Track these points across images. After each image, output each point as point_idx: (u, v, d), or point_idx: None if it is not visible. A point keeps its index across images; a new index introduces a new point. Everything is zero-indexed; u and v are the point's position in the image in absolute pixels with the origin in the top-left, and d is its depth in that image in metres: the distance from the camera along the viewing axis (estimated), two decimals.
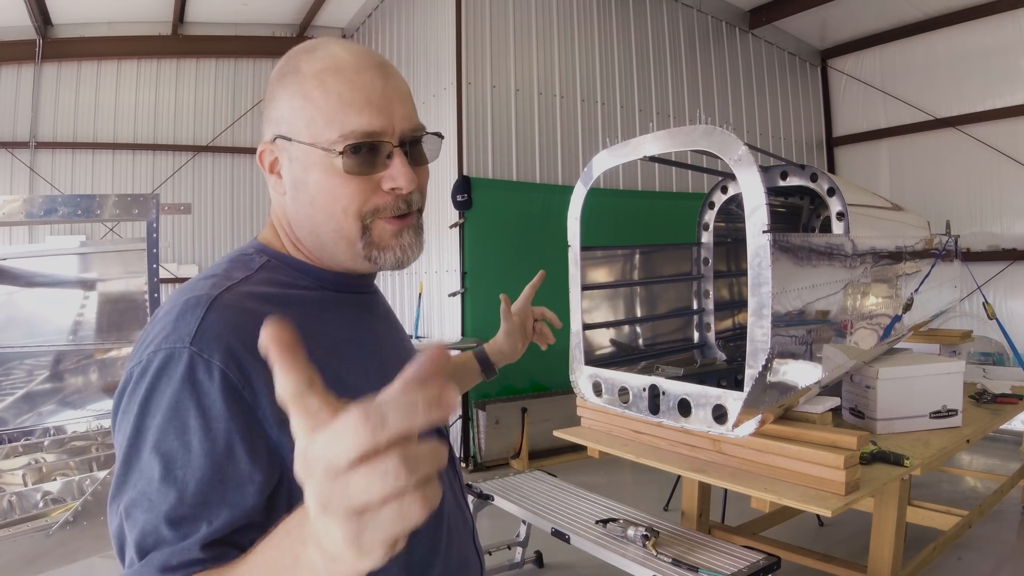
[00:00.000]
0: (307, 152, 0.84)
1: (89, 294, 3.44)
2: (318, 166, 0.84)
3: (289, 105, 0.85)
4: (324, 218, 0.87)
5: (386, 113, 0.83)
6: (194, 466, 0.69)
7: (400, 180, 0.84)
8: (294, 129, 0.85)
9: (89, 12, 8.27)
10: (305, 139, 0.84)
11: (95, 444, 3.31)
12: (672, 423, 2.56)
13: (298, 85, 0.85)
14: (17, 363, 3.34)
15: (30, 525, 2.60)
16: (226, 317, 0.75)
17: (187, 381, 0.71)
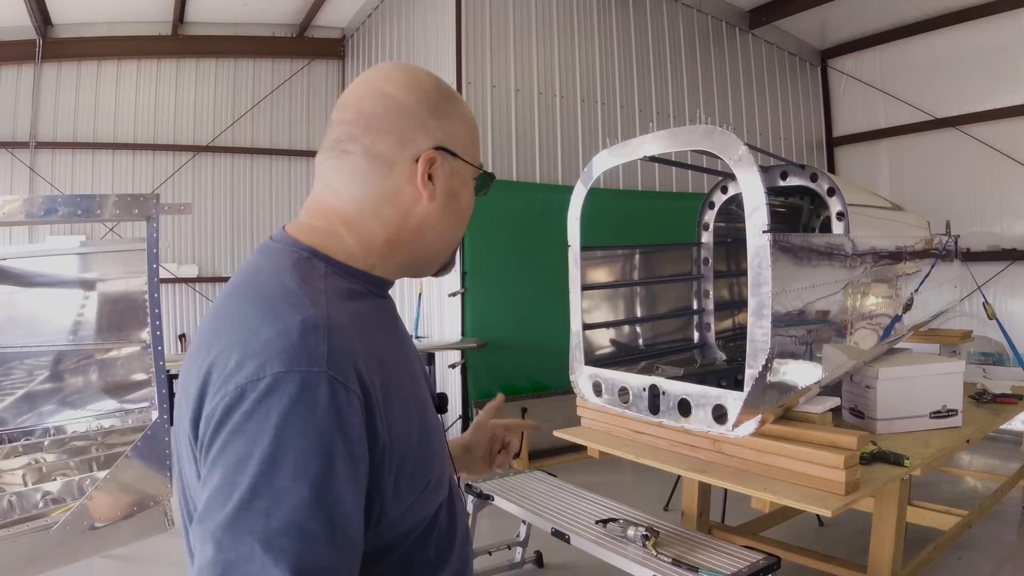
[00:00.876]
0: (467, 170, 0.97)
1: (89, 294, 3.43)
2: (469, 185, 0.99)
3: (463, 127, 0.97)
4: (458, 229, 0.99)
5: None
6: (340, 496, 0.71)
7: None
8: (464, 149, 0.97)
9: (89, 12, 8.27)
10: (469, 159, 0.97)
11: (95, 444, 3.30)
12: (672, 423, 2.56)
13: (461, 113, 0.97)
14: (17, 363, 3.33)
15: (30, 525, 2.60)
16: (345, 340, 0.77)
17: (332, 407, 0.71)
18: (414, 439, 0.84)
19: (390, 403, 0.80)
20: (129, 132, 8.87)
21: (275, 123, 9.62)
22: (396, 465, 0.80)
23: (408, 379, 0.89)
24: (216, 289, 9.28)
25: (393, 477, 0.80)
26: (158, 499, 2.83)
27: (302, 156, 9.78)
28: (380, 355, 0.83)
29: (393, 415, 0.80)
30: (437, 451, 0.91)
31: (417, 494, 0.85)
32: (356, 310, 0.85)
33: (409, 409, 0.85)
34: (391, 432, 0.79)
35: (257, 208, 9.59)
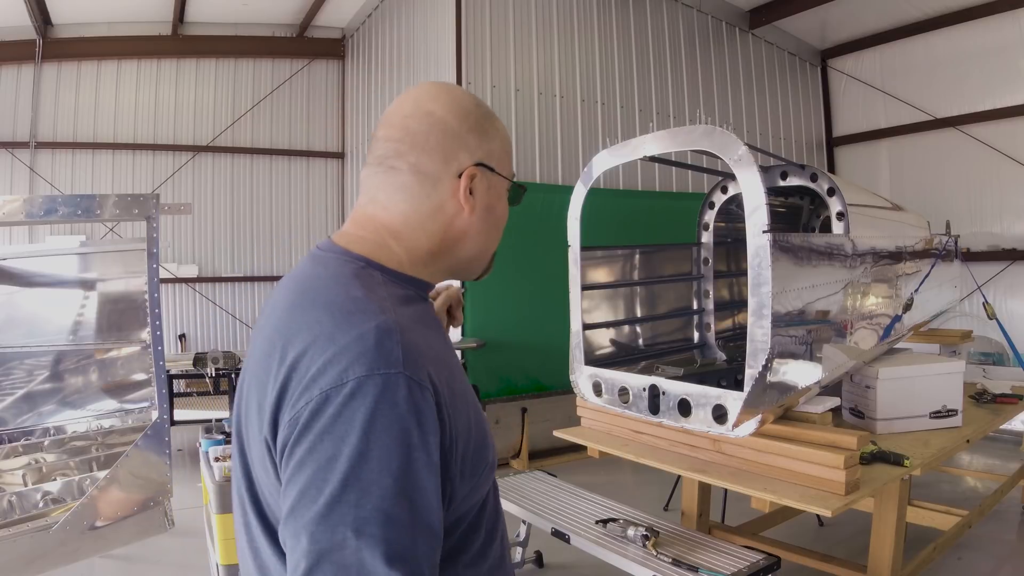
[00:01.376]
0: (502, 183, 1.09)
1: (89, 294, 3.43)
2: (504, 197, 1.10)
3: (499, 144, 1.08)
4: (494, 238, 1.10)
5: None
6: (421, 485, 0.77)
7: None
8: (500, 164, 1.08)
9: (89, 12, 8.27)
10: (504, 174, 1.09)
11: (95, 444, 3.30)
12: (672, 423, 2.56)
13: (498, 131, 1.08)
14: (17, 363, 3.33)
15: (30, 525, 2.60)
16: (415, 342, 0.84)
17: (411, 404, 0.78)
18: (472, 427, 0.91)
19: (453, 396, 0.87)
20: (129, 132, 8.87)
21: (275, 123, 9.63)
22: (461, 452, 0.87)
23: (460, 374, 0.95)
24: (216, 289, 9.29)
25: (459, 463, 0.87)
26: (158, 499, 2.83)
27: (302, 156, 9.78)
28: (439, 353, 0.90)
29: (456, 407, 0.87)
30: (489, 435, 0.98)
31: (478, 477, 0.93)
32: (414, 314, 0.92)
33: (467, 401, 0.92)
34: (455, 423, 0.86)
35: (257, 208, 9.59)
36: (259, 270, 9.55)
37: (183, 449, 6.46)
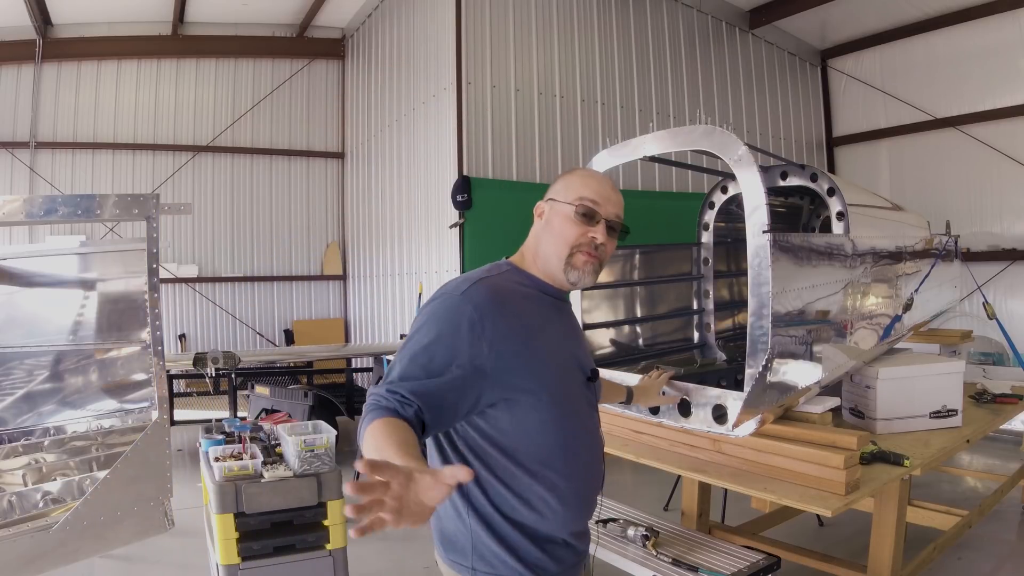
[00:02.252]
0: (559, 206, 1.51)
1: (89, 294, 3.43)
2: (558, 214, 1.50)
3: (562, 185, 1.53)
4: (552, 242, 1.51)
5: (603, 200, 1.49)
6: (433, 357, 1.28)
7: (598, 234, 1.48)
8: (558, 195, 1.52)
9: (89, 12, 8.27)
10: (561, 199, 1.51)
11: (95, 444, 3.30)
12: (672, 423, 2.56)
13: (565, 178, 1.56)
14: (17, 363, 3.33)
15: (30, 525, 2.60)
16: (482, 289, 1.38)
17: (454, 308, 1.33)
18: (520, 357, 1.34)
19: (511, 327, 1.35)
20: (129, 132, 8.87)
21: (275, 123, 9.63)
22: (496, 359, 1.30)
23: (543, 333, 1.41)
24: (216, 289, 9.29)
25: (492, 365, 1.30)
26: (158, 499, 2.82)
27: (302, 156, 9.78)
28: (522, 307, 1.41)
29: (505, 337, 1.33)
30: (540, 376, 1.37)
31: (511, 393, 1.34)
32: (515, 287, 1.45)
33: (532, 340, 1.38)
34: (499, 343, 1.31)
35: (257, 208, 9.59)
36: (259, 270, 9.55)
37: (183, 449, 6.46)
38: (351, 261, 9.75)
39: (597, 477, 1.53)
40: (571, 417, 1.42)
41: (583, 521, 1.49)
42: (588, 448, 1.48)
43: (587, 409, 1.52)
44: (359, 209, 9.39)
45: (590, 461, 1.48)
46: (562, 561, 1.43)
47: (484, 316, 1.31)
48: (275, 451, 3.07)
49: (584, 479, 1.45)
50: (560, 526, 1.41)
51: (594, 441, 1.53)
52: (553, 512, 1.39)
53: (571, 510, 1.42)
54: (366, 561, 3.76)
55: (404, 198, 7.79)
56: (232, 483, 2.70)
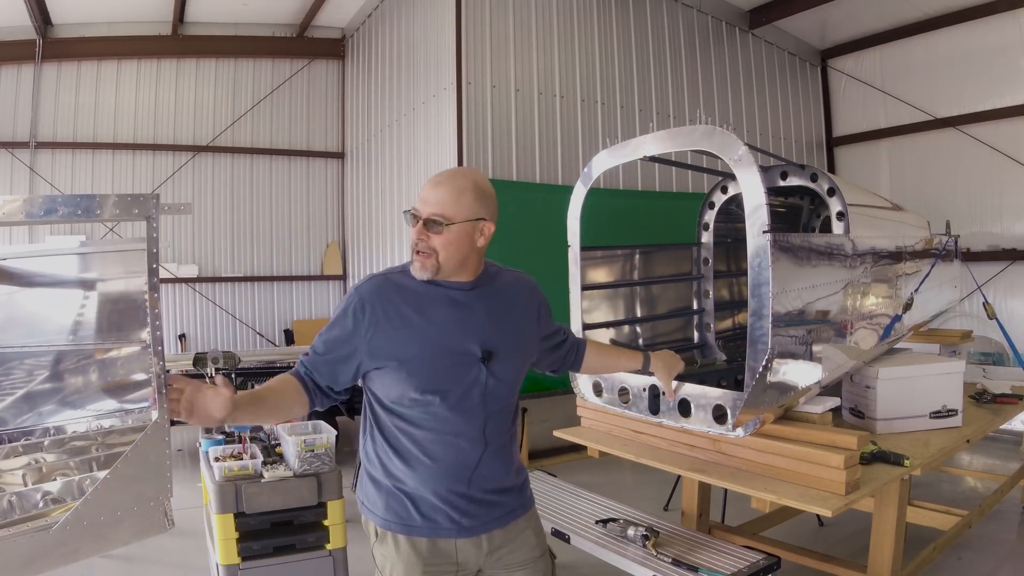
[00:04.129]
0: None
1: (89, 294, 3.43)
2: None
3: None
4: None
5: (420, 203, 1.76)
6: (329, 339, 1.71)
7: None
8: None
9: (89, 12, 8.27)
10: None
11: (95, 444, 3.30)
12: (672, 423, 2.56)
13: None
14: (17, 363, 3.33)
15: (30, 525, 2.60)
16: (371, 283, 1.74)
17: (348, 301, 1.71)
18: (389, 337, 1.67)
19: (388, 315, 1.68)
20: (129, 132, 8.87)
21: (275, 123, 9.62)
22: (370, 339, 1.67)
23: (419, 320, 1.68)
24: (216, 289, 9.29)
25: (367, 343, 1.67)
26: (158, 499, 2.82)
27: (302, 156, 9.78)
28: (404, 300, 1.70)
29: (379, 321, 1.67)
30: (409, 355, 1.66)
31: (381, 363, 1.67)
32: (405, 281, 1.73)
33: (399, 327, 1.67)
34: (374, 326, 1.67)
35: (257, 208, 9.58)
36: (259, 270, 9.55)
37: (183, 449, 6.46)
38: (351, 261, 9.74)
39: (466, 445, 1.71)
40: (433, 387, 1.66)
41: (448, 484, 1.70)
42: (463, 413, 1.70)
43: (467, 382, 1.70)
44: (359, 209, 9.38)
45: (464, 428, 1.70)
46: (432, 520, 1.70)
47: (366, 304, 1.67)
48: (275, 451, 3.07)
49: (445, 443, 1.69)
50: (423, 483, 1.69)
51: (471, 412, 1.71)
52: (420, 466, 1.68)
53: (436, 469, 1.68)
54: (366, 561, 3.75)
55: (404, 198, 7.79)
56: (232, 483, 2.71)
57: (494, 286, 1.83)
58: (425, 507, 1.70)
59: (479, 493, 1.72)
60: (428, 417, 1.67)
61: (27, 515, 2.82)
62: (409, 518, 1.70)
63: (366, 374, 1.71)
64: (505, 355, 1.74)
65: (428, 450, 1.68)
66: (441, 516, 1.70)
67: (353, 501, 1.85)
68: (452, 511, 1.70)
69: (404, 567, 1.72)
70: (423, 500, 1.70)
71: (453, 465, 1.69)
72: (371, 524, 1.79)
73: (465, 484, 1.70)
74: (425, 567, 1.71)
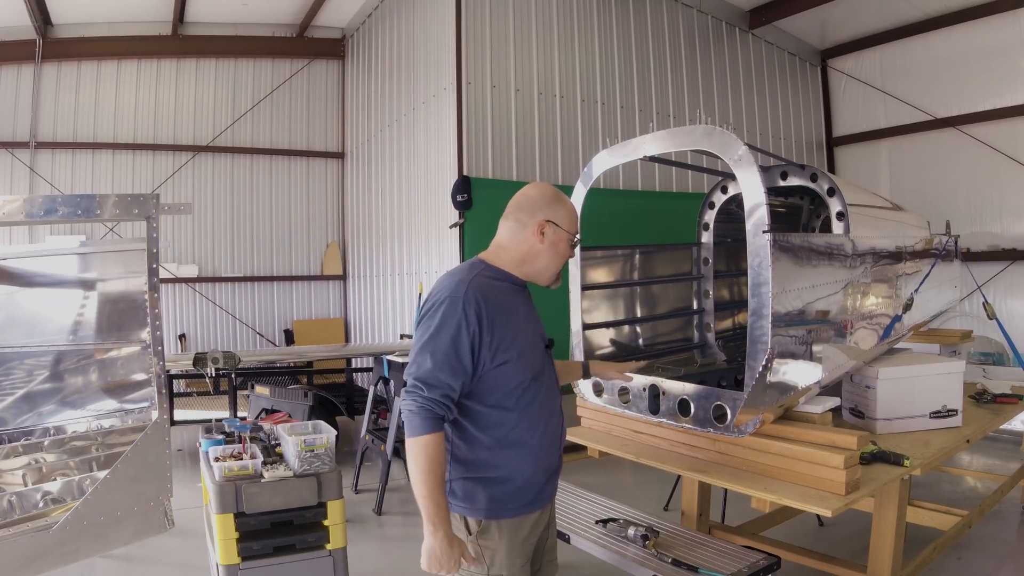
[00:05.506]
0: (562, 234, 1.96)
1: (89, 294, 3.43)
2: (563, 242, 1.97)
3: (564, 214, 1.98)
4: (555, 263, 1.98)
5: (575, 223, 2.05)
6: (458, 349, 1.75)
7: None
8: (564, 223, 1.96)
9: (89, 12, 8.27)
10: (565, 228, 1.97)
11: (95, 444, 3.30)
12: (672, 423, 2.56)
13: (564, 205, 1.99)
14: (17, 363, 3.33)
15: (30, 525, 2.60)
16: (475, 287, 1.79)
17: (461, 309, 1.75)
18: (508, 334, 1.80)
19: (497, 316, 1.79)
20: (129, 132, 8.87)
21: (275, 123, 9.63)
22: (490, 339, 1.77)
23: (515, 316, 1.86)
24: (216, 289, 9.29)
25: (488, 344, 1.77)
26: (158, 499, 2.82)
27: (302, 156, 9.78)
28: (501, 301, 1.83)
29: (497, 321, 1.78)
30: (520, 346, 1.83)
31: (503, 360, 1.79)
32: (492, 283, 1.85)
33: (510, 323, 1.82)
34: (493, 327, 1.77)
35: (257, 208, 9.59)
36: (259, 270, 9.55)
37: (183, 449, 6.46)
38: (351, 261, 9.75)
39: (556, 420, 1.97)
40: (536, 371, 1.89)
41: (547, 459, 1.91)
42: (548, 391, 1.95)
43: (548, 368, 1.98)
44: (359, 209, 9.39)
45: (550, 405, 1.95)
46: (537, 496, 1.89)
47: (482, 308, 1.76)
48: (275, 451, 3.07)
49: (546, 421, 1.92)
50: (530, 462, 1.86)
51: (552, 390, 1.99)
52: (525, 449, 1.85)
53: (540, 447, 1.88)
54: (366, 561, 3.76)
55: (404, 198, 7.79)
56: (232, 483, 2.70)
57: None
58: (531, 486, 1.87)
59: (559, 461, 1.98)
60: (529, 400, 1.85)
61: (27, 515, 2.82)
62: (517, 500, 1.85)
63: (482, 375, 1.81)
64: (551, 344, 2.03)
65: (532, 431, 1.85)
66: (540, 490, 1.90)
67: (353, 501, 1.86)
68: (547, 483, 1.93)
69: (507, 549, 1.84)
70: (529, 480, 1.86)
71: (551, 439, 1.92)
72: (471, 520, 1.86)
73: (557, 455, 1.96)
74: (523, 543, 1.88)
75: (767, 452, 2.39)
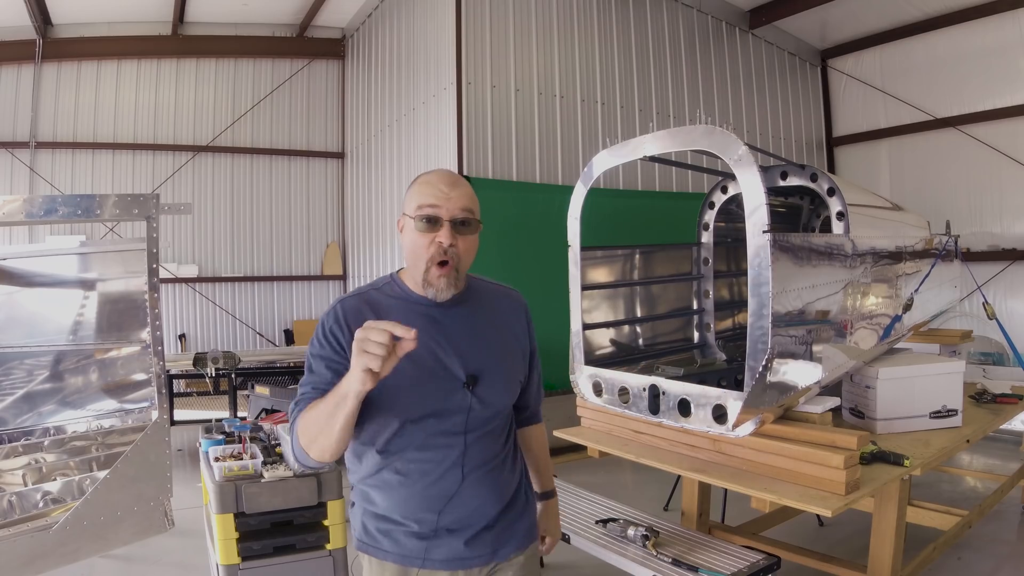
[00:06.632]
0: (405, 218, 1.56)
1: (89, 294, 3.43)
2: (409, 228, 1.55)
3: (404, 201, 1.59)
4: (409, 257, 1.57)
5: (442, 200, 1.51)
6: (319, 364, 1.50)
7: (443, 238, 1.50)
8: (406, 209, 1.56)
9: (89, 12, 8.27)
10: (407, 212, 1.56)
11: (95, 444, 3.30)
12: (672, 423, 2.56)
13: (408, 190, 1.60)
14: (17, 363, 3.33)
15: (30, 525, 2.60)
16: (345, 304, 1.55)
17: (324, 324, 1.52)
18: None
19: None
20: (129, 132, 8.87)
21: (275, 123, 9.63)
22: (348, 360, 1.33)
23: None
24: (216, 289, 9.29)
25: (346, 364, 1.36)
26: (158, 499, 2.83)
27: (302, 156, 9.78)
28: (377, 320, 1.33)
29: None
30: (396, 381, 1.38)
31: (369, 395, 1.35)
32: (378, 301, 1.57)
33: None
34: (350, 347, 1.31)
35: (257, 208, 9.59)
36: (259, 270, 9.55)
37: (183, 449, 6.46)
38: (351, 261, 9.74)
39: (440, 473, 1.52)
40: (416, 414, 1.50)
41: (419, 513, 1.53)
42: (447, 441, 1.52)
43: (451, 408, 1.52)
44: (359, 209, 9.38)
45: (433, 457, 1.52)
46: (402, 548, 1.54)
47: (342, 327, 1.49)
48: (275, 451, 3.07)
49: (421, 471, 1.52)
50: (394, 508, 1.54)
51: (447, 438, 1.52)
52: (392, 492, 1.54)
53: (408, 496, 1.53)
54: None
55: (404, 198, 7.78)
56: (232, 483, 2.70)
57: (476, 302, 1.63)
58: (396, 533, 1.54)
59: (454, 525, 1.53)
60: (404, 444, 1.51)
61: (27, 515, 2.82)
62: (381, 543, 1.56)
63: None
64: (491, 378, 1.56)
65: (403, 476, 1.52)
66: (411, 545, 1.54)
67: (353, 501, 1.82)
68: (420, 541, 1.53)
69: None
70: (394, 525, 1.54)
71: (425, 494, 1.52)
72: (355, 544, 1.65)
73: (435, 514, 1.52)
74: None
75: (767, 452, 2.39)
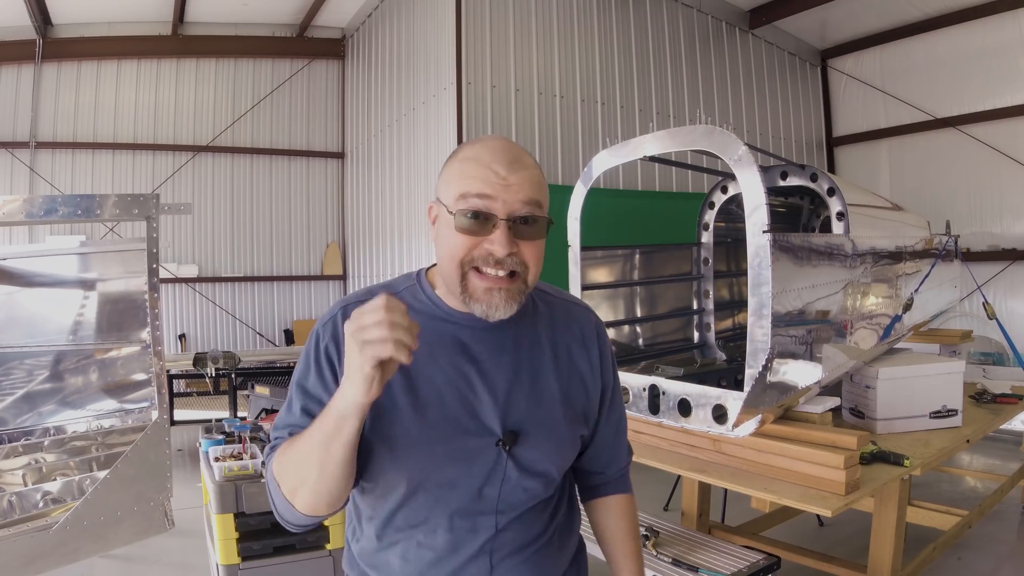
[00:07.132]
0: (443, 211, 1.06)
1: (89, 294, 3.43)
2: (448, 225, 1.04)
3: (446, 175, 1.08)
4: (446, 266, 1.07)
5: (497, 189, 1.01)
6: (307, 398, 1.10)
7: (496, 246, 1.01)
8: (441, 194, 1.07)
9: (89, 12, 8.27)
10: (444, 202, 1.06)
11: (95, 444, 3.30)
12: (672, 423, 2.56)
13: (450, 162, 1.09)
14: (17, 363, 3.33)
15: (30, 525, 2.60)
16: (344, 318, 1.03)
17: (313, 343, 1.11)
18: (384, 402, 1.05)
19: None
20: (129, 132, 8.87)
21: (275, 123, 9.62)
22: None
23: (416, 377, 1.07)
24: (216, 289, 9.29)
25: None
26: (158, 499, 2.83)
27: (302, 156, 9.78)
28: None
29: None
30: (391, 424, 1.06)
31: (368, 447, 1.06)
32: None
33: (391, 387, 1.04)
34: None
35: (257, 208, 9.58)
36: (259, 270, 9.55)
37: (183, 449, 6.46)
38: (351, 261, 9.74)
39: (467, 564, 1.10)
40: (423, 474, 1.07)
41: None
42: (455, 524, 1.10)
43: (477, 474, 1.08)
44: (359, 209, 9.38)
45: (455, 541, 1.10)
46: None
47: (340, 344, 1.03)
48: None
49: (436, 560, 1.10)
50: None
51: (473, 520, 1.10)
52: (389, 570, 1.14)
53: None
54: None
55: (404, 198, 7.79)
56: (232, 483, 2.70)
57: (528, 323, 1.16)
58: None
59: None
60: (411, 520, 1.11)
61: (27, 515, 2.82)
62: None
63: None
64: (539, 435, 1.11)
65: (408, 563, 1.12)
66: None
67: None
68: None
69: None
70: None
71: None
72: None
73: None
74: None
75: (767, 452, 2.39)
